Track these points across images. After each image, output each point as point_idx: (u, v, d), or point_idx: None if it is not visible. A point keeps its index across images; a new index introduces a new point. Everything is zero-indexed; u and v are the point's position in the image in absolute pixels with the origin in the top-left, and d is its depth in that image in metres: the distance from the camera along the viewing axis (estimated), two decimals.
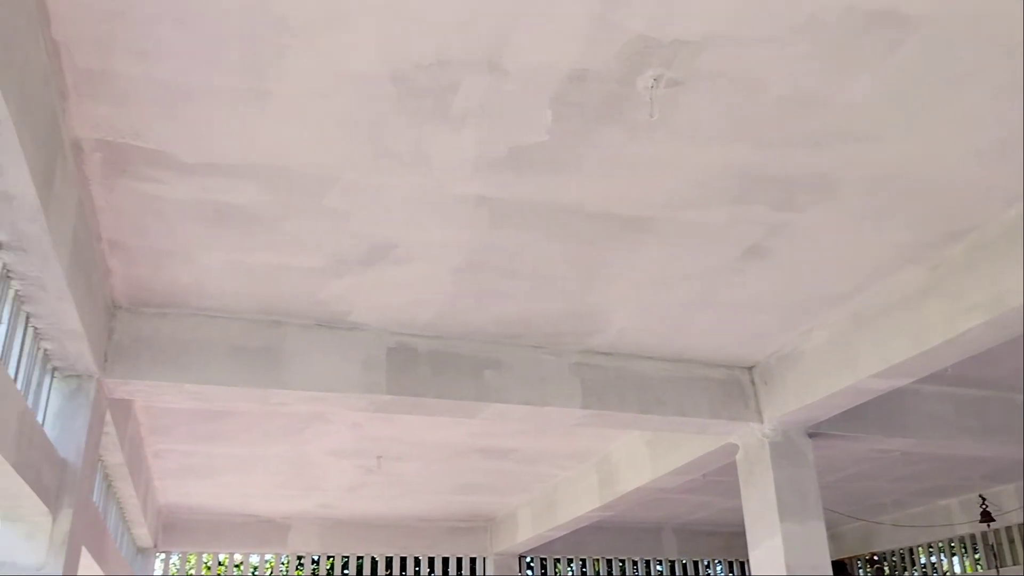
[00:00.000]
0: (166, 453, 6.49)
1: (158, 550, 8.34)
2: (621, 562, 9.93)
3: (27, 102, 2.26)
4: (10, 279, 2.93)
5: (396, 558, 9.10)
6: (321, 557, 8.97)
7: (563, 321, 4.50)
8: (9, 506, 3.39)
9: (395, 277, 4.02)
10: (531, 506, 8.29)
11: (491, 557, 9.29)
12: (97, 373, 3.89)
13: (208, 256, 3.75)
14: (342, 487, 7.71)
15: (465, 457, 6.93)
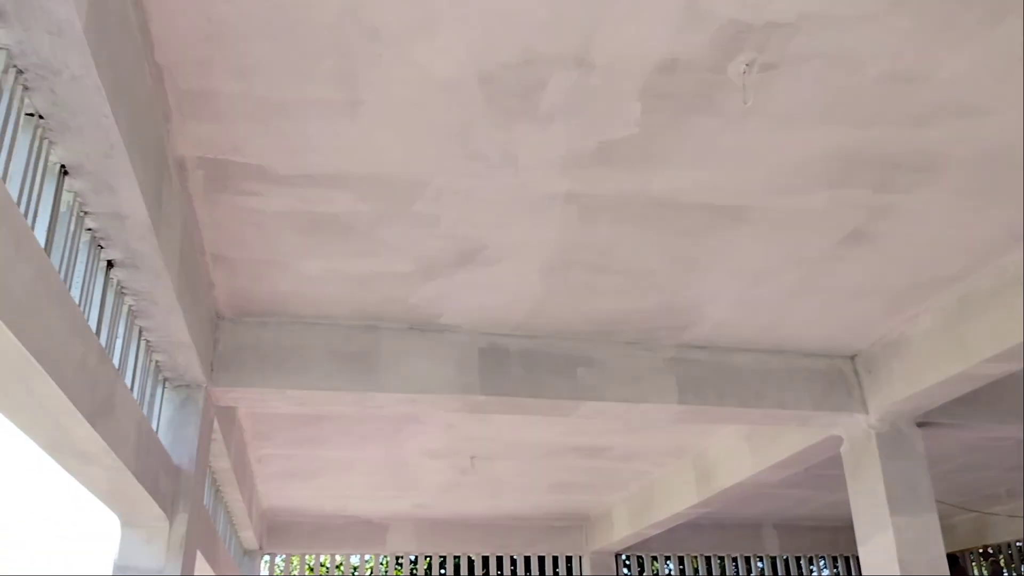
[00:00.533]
0: (268, 458, 6.70)
1: (263, 552, 8.61)
2: (720, 559, 9.74)
3: (136, 125, 2.35)
4: (124, 295, 3.06)
5: (492, 557, 9.15)
6: (419, 557, 9.10)
7: (657, 316, 4.44)
8: (129, 512, 3.55)
9: (485, 278, 4.03)
10: (627, 504, 8.22)
11: (587, 555, 9.24)
12: (205, 382, 4.03)
13: (305, 265, 3.85)
14: (437, 487, 7.80)
15: (559, 456, 6.92)
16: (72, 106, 2.08)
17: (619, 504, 8.41)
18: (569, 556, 9.41)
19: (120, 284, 2.98)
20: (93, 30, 1.91)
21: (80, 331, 2.35)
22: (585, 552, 9.24)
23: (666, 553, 9.59)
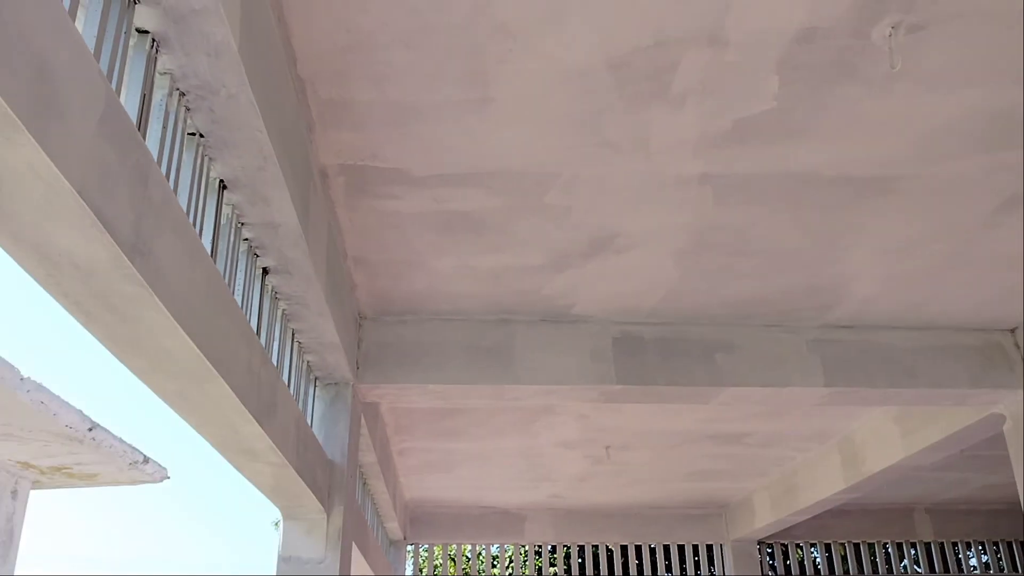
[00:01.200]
0: (409, 451, 6.90)
1: (407, 542, 8.89)
2: (869, 546, 9.34)
3: (285, 138, 2.46)
4: (278, 300, 3.22)
5: (631, 546, 9.11)
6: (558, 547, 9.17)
7: (799, 296, 4.29)
8: (292, 506, 3.74)
9: (617, 266, 4.01)
10: (768, 491, 8.00)
11: (728, 544, 9.05)
12: (352, 380, 4.20)
13: (440, 263, 3.94)
14: (572, 477, 7.83)
15: (695, 443, 6.81)
16: (229, 123, 2.21)
17: (760, 491, 8.19)
18: (709, 544, 9.25)
19: (274, 290, 3.14)
20: (246, 49, 2.01)
21: (246, 336, 2.49)
22: (726, 540, 9.06)
23: (811, 540, 9.27)
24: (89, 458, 3.14)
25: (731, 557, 8.99)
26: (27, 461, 3.12)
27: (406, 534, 8.73)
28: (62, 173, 1.35)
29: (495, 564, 9.18)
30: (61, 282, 1.63)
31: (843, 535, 9.21)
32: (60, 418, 2.72)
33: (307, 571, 3.87)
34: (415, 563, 9.42)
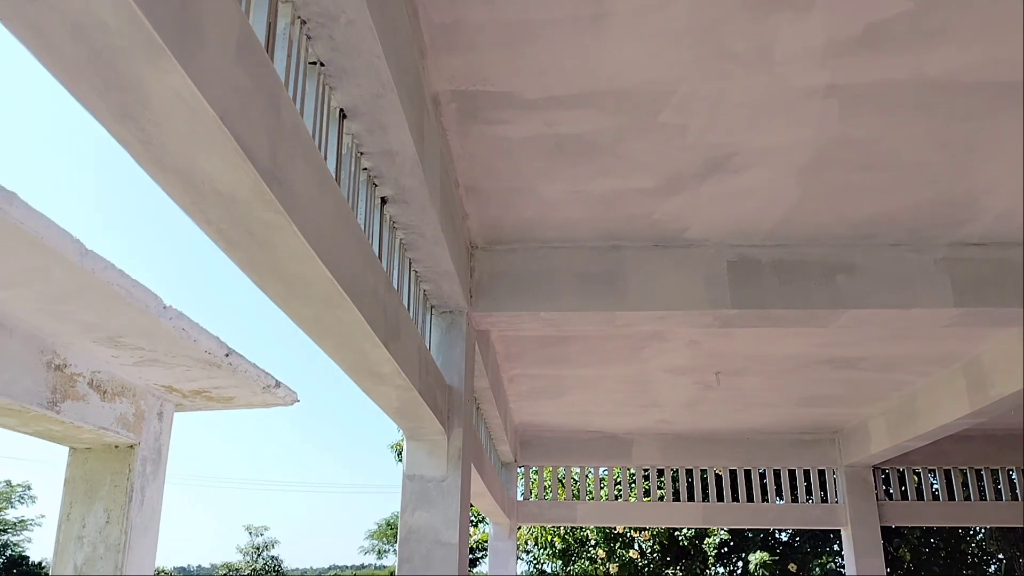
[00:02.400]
0: (518, 378, 7.02)
1: (518, 464, 9.13)
2: (992, 471, 9.00)
3: (401, 64, 2.46)
4: (396, 230, 3.28)
5: (740, 470, 9.08)
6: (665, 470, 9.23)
7: (928, 212, 4.06)
8: (415, 427, 3.88)
9: (733, 187, 3.88)
10: (885, 416, 7.77)
11: (841, 469, 8.91)
12: (466, 308, 4.27)
13: (550, 189, 3.91)
14: (680, 403, 7.82)
15: (810, 368, 6.65)
16: (348, 50, 2.21)
17: (876, 416, 7.98)
18: (822, 470, 9.12)
19: (392, 219, 3.19)
20: None
21: (371, 263, 2.55)
22: (839, 465, 8.91)
23: (929, 466, 9.01)
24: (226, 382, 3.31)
25: (844, 482, 8.85)
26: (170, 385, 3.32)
27: (516, 457, 8.96)
28: (205, 99, 1.38)
29: (602, 486, 9.33)
30: (205, 209, 1.69)
31: (963, 461, 8.91)
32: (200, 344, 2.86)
33: (431, 488, 4.03)
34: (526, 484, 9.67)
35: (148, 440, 3.31)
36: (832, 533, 12.39)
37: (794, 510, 8.98)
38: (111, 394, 3.01)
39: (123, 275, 2.33)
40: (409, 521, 4.03)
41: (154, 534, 3.48)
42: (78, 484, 3.23)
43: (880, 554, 8.65)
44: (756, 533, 12.66)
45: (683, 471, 9.23)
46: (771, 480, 9.06)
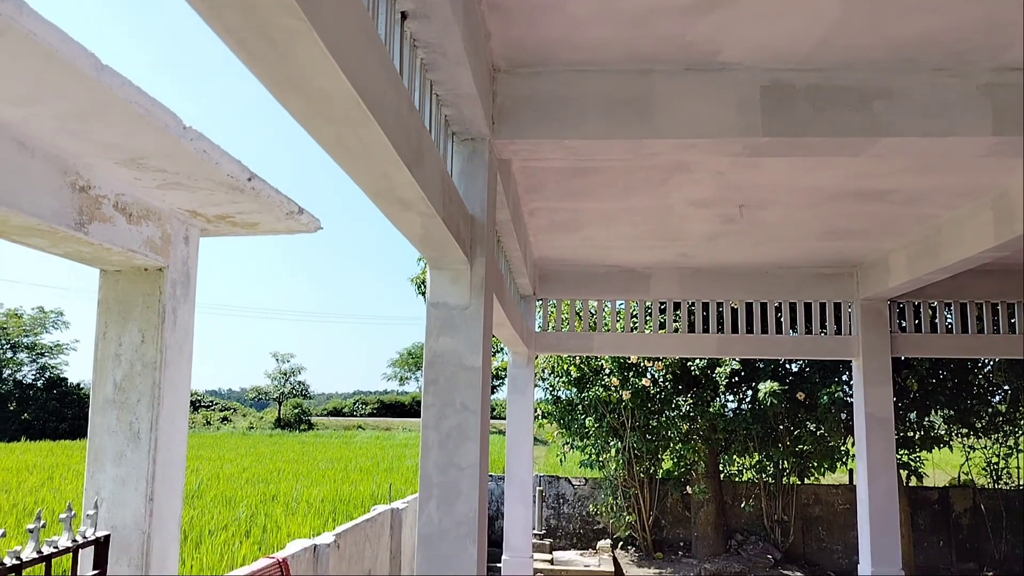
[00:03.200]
0: (538, 210, 6.99)
1: (536, 297, 9.29)
2: (1008, 306, 9.07)
3: None
4: (417, 48, 3.14)
5: (756, 304, 9.19)
6: (682, 303, 9.37)
7: (972, 34, 3.84)
8: (438, 256, 3.89)
9: (771, 6, 3.66)
10: (907, 250, 7.75)
11: (857, 302, 9.00)
12: (488, 135, 4.17)
13: (578, 5, 3.70)
14: (701, 236, 7.80)
15: (835, 201, 6.57)
16: None
17: (897, 250, 7.96)
18: (837, 303, 9.22)
19: (413, 37, 3.05)
20: None
21: (393, 81, 2.45)
22: (855, 299, 9.00)
23: (946, 300, 9.08)
24: (249, 207, 3.30)
25: (859, 315, 8.97)
26: (194, 210, 3.32)
27: (535, 290, 9.09)
28: None
29: (619, 319, 9.51)
30: (223, 15, 1.60)
31: (980, 295, 8.97)
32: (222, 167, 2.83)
33: (454, 315, 4.10)
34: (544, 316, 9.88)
35: (176, 263, 3.34)
36: (842, 364, 12.71)
37: (807, 341, 9.16)
38: (137, 217, 3.01)
39: (141, 93, 2.26)
40: (434, 346, 4.13)
41: (188, 354, 3.59)
42: (111, 305, 3.30)
43: (889, 384, 8.89)
44: (766, 364, 13.01)
45: (699, 304, 9.36)
46: (786, 313, 9.19)
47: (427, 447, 4.07)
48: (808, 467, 13.69)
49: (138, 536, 3.35)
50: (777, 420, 13.38)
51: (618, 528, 14.82)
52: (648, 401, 13.51)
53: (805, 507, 14.61)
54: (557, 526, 15.71)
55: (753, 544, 14.24)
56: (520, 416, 9.32)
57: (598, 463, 14.48)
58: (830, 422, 12.61)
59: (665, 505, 15.17)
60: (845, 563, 14.12)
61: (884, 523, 8.65)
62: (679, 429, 13.46)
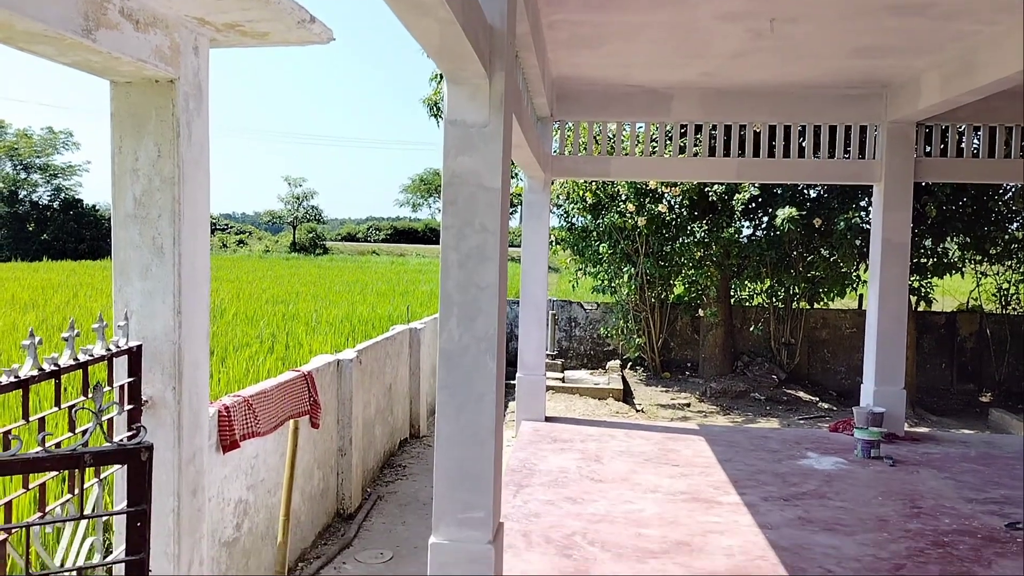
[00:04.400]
0: (559, 23, 6.67)
1: (554, 119, 9.06)
2: None
3: None
4: None
5: (779, 126, 8.95)
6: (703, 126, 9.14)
7: None
8: (456, 69, 3.75)
9: None
10: (939, 69, 7.42)
11: (884, 125, 8.75)
12: None
13: None
14: (726, 54, 7.48)
15: (871, 15, 6.21)
16: None
17: (930, 70, 7.62)
18: (863, 126, 8.97)
19: None
20: None
21: None
22: (883, 121, 8.74)
23: (975, 123, 8.81)
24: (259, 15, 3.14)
25: (884, 138, 8.75)
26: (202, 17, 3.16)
27: (553, 111, 8.86)
28: None
29: (638, 142, 9.32)
30: None
31: (1010, 117, 8.68)
32: None
33: (472, 134, 4.01)
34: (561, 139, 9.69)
35: (187, 75, 3.23)
36: (860, 190, 12.56)
37: (829, 165, 9.00)
38: (144, 24, 2.88)
39: None
40: (452, 166, 4.07)
41: (205, 169, 3.55)
42: (124, 119, 3.22)
43: (909, 209, 8.81)
44: (785, 190, 12.87)
45: (721, 127, 9.13)
46: (809, 137, 8.96)
47: (447, 267, 4.11)
48: (818, 292, 13.87)
49: (169, 347, 3.45)
50: (792, 246, 13.42)
51: (628, 349, 15.28)
52: (663, 227, 13.51)
53: (812, 330, 14.95)
54: (569, 348, 16.23)
55: (759, 365, 14.72)
56: (535, 241, 9.37)
57: (610, 288, 14.70)
58: (844, 248, 12.63)
59: (675, 328, 15.56)
60: (847, 383, 14.63)
61: (890, 344, 8.85)
62: (693, 255, 13.54)
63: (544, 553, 5.22)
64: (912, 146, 8.73)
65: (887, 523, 5.98)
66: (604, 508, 6.18)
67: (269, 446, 5.23)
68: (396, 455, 9.21)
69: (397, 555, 6.15)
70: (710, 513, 6.12)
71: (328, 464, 6.68)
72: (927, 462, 7.85)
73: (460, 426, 4.03)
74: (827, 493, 6.72)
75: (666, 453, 7.97)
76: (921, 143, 9.03)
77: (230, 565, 4.65)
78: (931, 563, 5.20)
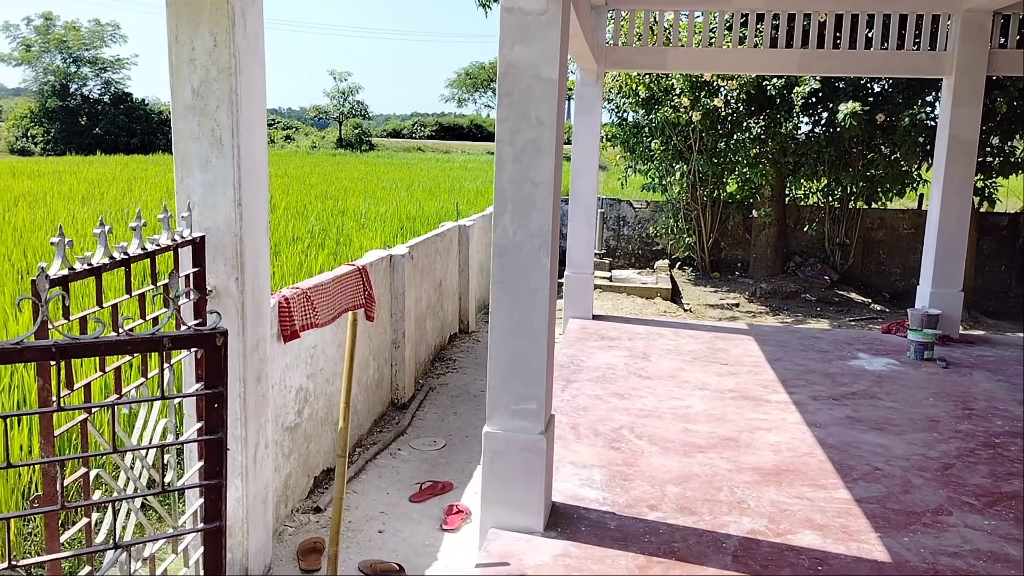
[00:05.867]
0: None
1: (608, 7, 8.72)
2: None
3: None
4: None
5: (846, 15, 8.49)
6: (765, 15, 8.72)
7: None
8: None
9: None
10: None
11: (958, 14, 8.25)
12: None
13: None
14: None
15: None
16: None
17: None
18: (936, 15, 8.48)
19: None
20: None
21: None
22: (957, 9, 8.24)
23: None
24: None
25: (958, 28, 8.27)
26: None
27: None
28: None
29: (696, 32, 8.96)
30: None
31: None
32: None
33: (530, 22, 3.88)
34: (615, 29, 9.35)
35: None
36: (928, 85, 12.01)
37: (897, 57, 8.57)
38: None
39: None
40: (508, 56, 3.96)
41: (261, 60, 3.52)
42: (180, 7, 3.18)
43: (979, 104, 8.41)
44: (848, 84, 12.35)
45: (784, 16, 8.69)
46: (877, 26, 8.51)
47: (501, 161, 4.05)
48: (876, 192, 13.48)
49: (231, 238, 3.51)
50: (852, 143, 12.98)
51: (677, 249, 15.16)
52: (718, 123, 13.14)
53: (868, 231, 14.62)
54: (616, 247, 16.14)
55: (811, 266, 14.50)
56: (586, 137, 9.19)
57: (661, 186, 14.47)
58: (908, 145, 12.17)
59: (726, 228, 15.34)
60: (902, 285, 14.38)
61: (951, 246, 8.63)
62: (748, 152, 13.19)
63: (592, 445, 5.34)
64: (987, 37, 8.25)
65: (937, 423, 5.97)
66: (652, 404, 6.26)
67: (327, 337, 5.36)
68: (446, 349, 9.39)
69: (449, 443, 6.36)
70: (758, 411, 6.17)
71: (383, 356, 6.85)
72: (981, 364, 7.76)
73: (514, 320, 4.07)
74: (877, 393, 6.71)
75: (714, 352, 8.00)
76: (996, 34, 8.53)
77: (292, 448, 4.86)
78: (980, 463, 5.21)
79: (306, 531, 4.78)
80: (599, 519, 4.28)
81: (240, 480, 3.76)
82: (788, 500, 4.58)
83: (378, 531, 4.83)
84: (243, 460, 3.74)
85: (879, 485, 4.82)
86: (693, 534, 4.13)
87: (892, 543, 4.08)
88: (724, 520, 4.30)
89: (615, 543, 4.02)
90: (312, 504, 5.11)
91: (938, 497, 4.67)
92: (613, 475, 4.86)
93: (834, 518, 4.36)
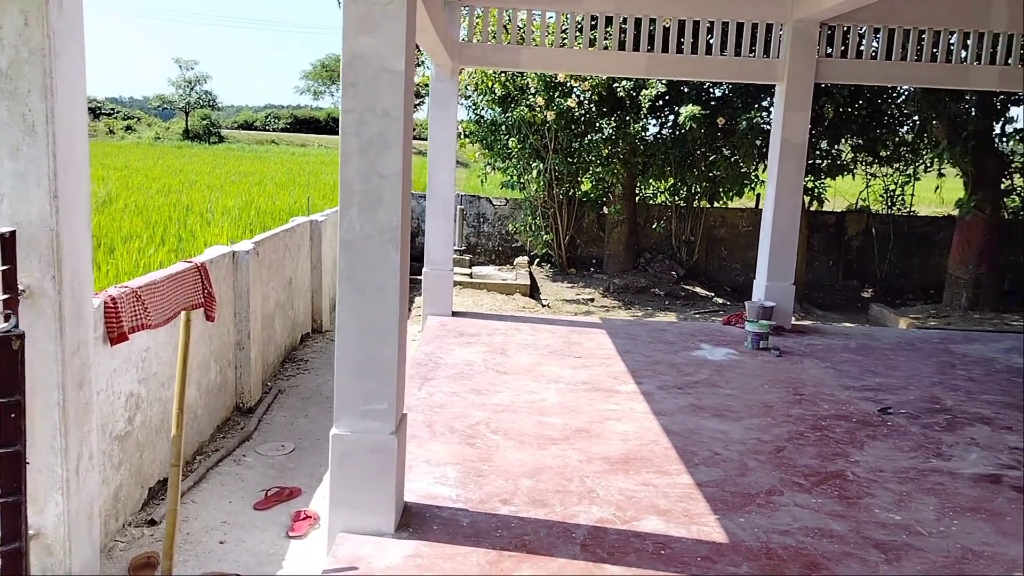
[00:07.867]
0: None
1: (462, 3, 8.70)
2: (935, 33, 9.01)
3: None
4: None
5: (688, 22, 8.86)
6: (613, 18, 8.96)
7: None
8: None
9: None
10: None
11: (789, 24, 8.79)
12: None
13: None
14: None
15: None
16: None
17: None
18: (769, 24, 8.98)
19: None
20: None
21: None
22: (788, 20, 8.77)
23: (876, 24, 8.94)
24: None
25: (789, 37, 8.81)
26: None
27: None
28: None
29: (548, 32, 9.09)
30: None
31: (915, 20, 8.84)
32: None
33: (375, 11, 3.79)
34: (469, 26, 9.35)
35: None
36: (763, 90, 12.75)
37: (734, 63, 9.03)
38: None
39: None
40: (353, 46, 3.86)
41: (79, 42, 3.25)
42: None
43: (808, 110, 8.99)
44: (691, 88, 12.94)
45: (631, 21, 8.98)
46: (717, 33, 8.93)
47: (347, 154, 3.94)
48: (718, 191, 14.19)
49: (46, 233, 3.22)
50: (695, 145, 13.59)
51: (535, 246, 15.39)
52: (572, 123, 13.43)
53: (711, 229, 15.38)
54: (477, 243, 16.21)
55: (660, 262, 15.10)
56: (442, 132, 9.14)
57: (519, 184, 14.64)
58: (745, 148, 12.88)
59: (582, 225, 15.71)
60: (742, 280, 15.22)
61: (783, 242, 9.18)
62: (600, 152, 13.56)
63: (448, 442, 5.31)
64: (815, 46, 8.83)
65: (771, 409, 6.33)
66: (508, 398, 6.30)
67: (161, 339, 5.06)
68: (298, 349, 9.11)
69: (299, 447, 6.16)
70: (609, 401, 6.33)
71: (226, 358, 6.54)
72: (810, 353, 8.31)
73: (363, 318, 3.97)
74: (718, 382, 7.04)
75: (569, 346, 8.16)
76: (823, 44, 9.15)
77: (123, 458, 4.55)
78: (809, 445, 5.56)
79: (139, 545, 4.49)
80: (452, 517, 4.25)
81: (60, 495, 3.47)
82: (635, 487, 4.71)
83: (219, 542, 4.60)
84: (63, 473, 3.45)
85: (718, 469, 5.05)
86: (544, 526, 4.18)
87: (729, 524, 4.28)
88: (574, 510, 4.37)
89: (467, 540, 4.00)
90: (146, 517, 4.80)
91: (771, 478, 4.94)
92: (467, 472, 4.85)
93: (677, 503, 4.52)
